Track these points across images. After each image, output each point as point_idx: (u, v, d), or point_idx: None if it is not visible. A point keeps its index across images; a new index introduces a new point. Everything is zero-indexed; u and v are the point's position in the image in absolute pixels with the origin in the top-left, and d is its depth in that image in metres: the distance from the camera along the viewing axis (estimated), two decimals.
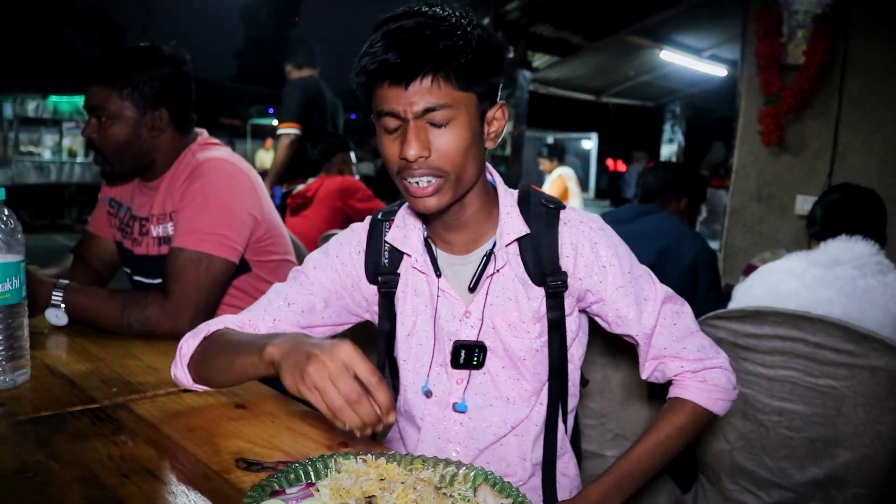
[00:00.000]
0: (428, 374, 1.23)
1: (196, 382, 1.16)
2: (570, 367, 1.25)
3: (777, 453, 1.69)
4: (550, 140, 8.06)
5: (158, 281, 1.71)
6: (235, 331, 1.17)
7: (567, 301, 1.20)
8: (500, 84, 1.12)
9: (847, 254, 1.81)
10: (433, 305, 1.21)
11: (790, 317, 1.60)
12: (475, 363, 1.19)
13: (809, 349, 1.59)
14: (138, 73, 1.65)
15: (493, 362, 1.21)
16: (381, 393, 0.88)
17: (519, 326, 1.19)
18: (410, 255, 1.21)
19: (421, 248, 1.21)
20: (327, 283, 1.24)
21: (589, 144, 12.83)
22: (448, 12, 1.05)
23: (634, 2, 5.53)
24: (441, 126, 1.04)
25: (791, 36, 4.14)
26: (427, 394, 1.24)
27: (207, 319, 1.59)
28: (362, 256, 1.24)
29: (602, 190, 14.49)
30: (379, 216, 1.27)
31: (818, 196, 2.09)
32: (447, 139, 1.04)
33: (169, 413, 1.15)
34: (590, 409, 1.91)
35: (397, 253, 1.23)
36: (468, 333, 1.19)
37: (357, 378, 0.88)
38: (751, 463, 1.73)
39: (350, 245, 1.26)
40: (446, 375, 1.22)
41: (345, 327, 1.30)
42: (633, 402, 1.89)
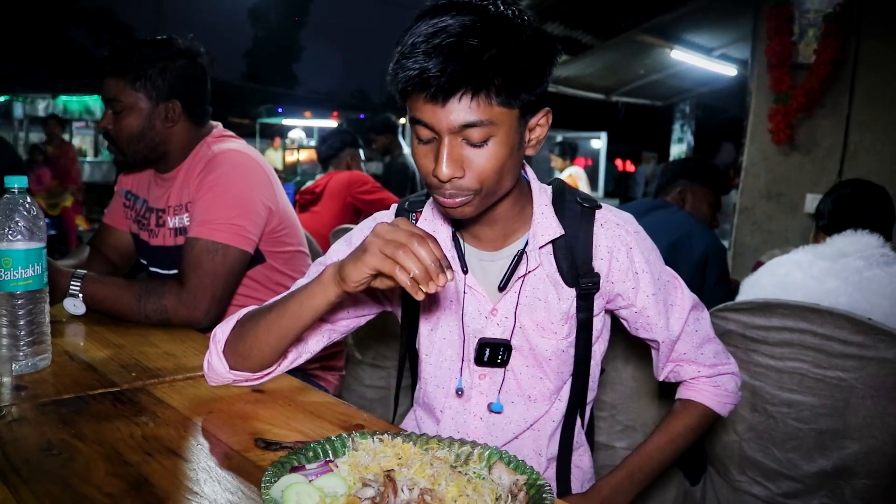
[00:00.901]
0: (460, 374, 1.22)
1: (233, 368, 1.18)
2: (592, 364, 1.25)
3: (785, 445, 1.70)
4: (560, 138, 8.06)
5: (175, 272, 1.73)
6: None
7: (596, 302, 1.19)
8: (547, 88, 1.05)
9: (853, 246, 1.83)
10: (459, 302, 1.19)
11: (799, 309, 1.61)
12: (499, 361, 1.18)
13: (818, 341, 1.60)
14: (151, 66, 1.69)
15: (517, 361, 1.20)
16: (436, 248, 0.94)
17: (547, 327, 1.17)
18: None
19: (450, 244, 1.19)
20: None
21: (598, 144, 12.81)
22: (499, 10, 0.97)
23: (645, 1, 5.54)
24: (478, 145, 0.99)
25: (802, 34, 4.14)
26: (458, 392, 1.22)
27: (223, 309, 1.64)
28: None
29: (611, 191, 14.46)
30: (405, 206, 1.25)
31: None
32: (483, 159, 0.99)
33: (188, 397, 1.18)
34: (600, 401, 1.92)
35: None
36: (493, 331, 1.18)
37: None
38: (759, 454, 1.75)
39: None
40: (468, 372, 1.22)
41: (368, 318, 1.29)
42: (644, 395, 1.90)
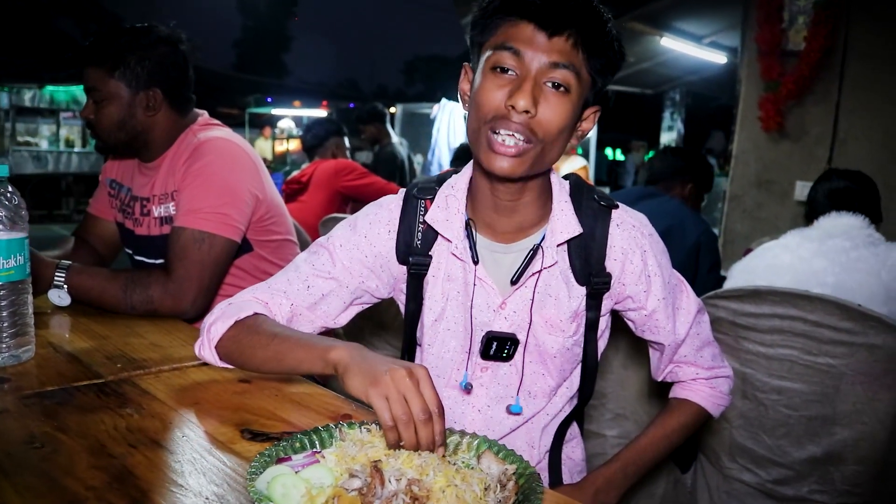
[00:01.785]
0: (466, 367, 1.20)
1: (223, 361, 1.15)
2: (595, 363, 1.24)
3: (776, 431, 1.70)
4: None
5: (160, 261, 1.71)
6: (274, 321, 1.14)
7: (605, 303, 1.18)
8: (606, 91, 1.11)
9: (838, 228, 1.85)
10: (468, 293, 1.16)
11: (789, 295, 1.61)
12: (504, 355, 1.17)
13: (808, 327, 1.60)
14: (130, 54, 1.67)
15: (521, 356, 1.19)
16: (440, 424, 0.85)
17: (556, 324, 1.16)
18: (451, 241, 1.15)
19: (462, 234, 1.15)
20: (350, 265, 1.18)
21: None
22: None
23: None
24: (558, 89, 1.00)
25: (792, 22, 4.13)
26: (467, 388, 1.20)
27: (210, 299, 1.62)
28: (393, 236, 1.18)
29: (600, 180, 14.46)
30: (414, 192, 1.20)
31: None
32: (557, 107, 1.01)
33: (174, 388, 1.16)
34: None
35: (431, 233, 1.17)
36: (501, 325, 1.16)
37: None
38: (749, 441, 1.75)
39: (380, 224, 1.19)
40: (472, 364, 1.20)
41: (365, 306, 1.26)
42: (634, 383, 1.90)
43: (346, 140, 3.96)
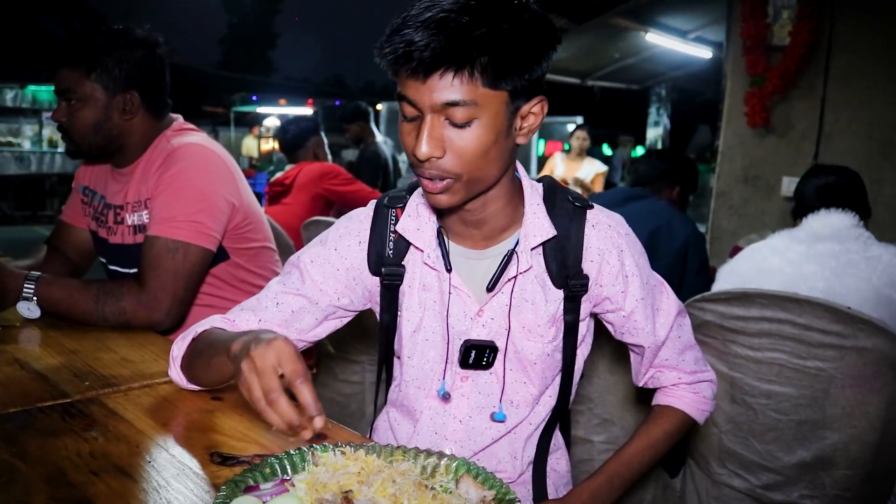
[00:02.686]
0: (443, 377, 1.17)
1: (190, 382, 1.14)
2: (574, 369, 1.21)
3: (765, 436, 1.68)
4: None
5: (135, 270, 1.66)
6: (220, 330, 1.12)
7: (583, 306, 1.16)
8: (544, 75, 1.00)
9: (827, 229, 1.82)
10: (444, 302, 1.13)
11: (777, 298, 1.58)
12: (484, 363, 1.14)
13: (797, 331, 1.57)
14: (108, 56, 1.61)
15: (501, 364, 1.16)
16: (304, 394, 0.83)
17: (534, 329, 1.13)
18: (422, 250, 1.12)
19: (434, 244, 1.12)
20: (322, 280, 1.16)
21: (574, 128, 12.80)
22: None
23: None
24: (460, 126, 0.95)
25: (776, 16, 4.12)
26: (445, 397, 1.17)
27: (185, 310, 1.58)
28: (364, 247, 1.16)
29: None
30: (385, 202, 1.17)
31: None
32: (465, 141, 0.96)
33: (143, 407, 1.11)
34: (578, 395, 1.89)
35: (403, 242, 1.14)
36: (479, 332, 1.13)
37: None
38: (739, 446, 1.72)
39: (350, 236, 1.17)
40: (451, 374, 1.17)
41: (343, 321, 1.23)
42: (621, 388, 1.87)
43: (323, 134, 3.89)
